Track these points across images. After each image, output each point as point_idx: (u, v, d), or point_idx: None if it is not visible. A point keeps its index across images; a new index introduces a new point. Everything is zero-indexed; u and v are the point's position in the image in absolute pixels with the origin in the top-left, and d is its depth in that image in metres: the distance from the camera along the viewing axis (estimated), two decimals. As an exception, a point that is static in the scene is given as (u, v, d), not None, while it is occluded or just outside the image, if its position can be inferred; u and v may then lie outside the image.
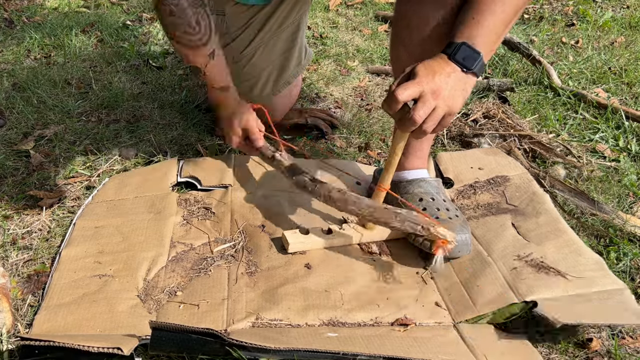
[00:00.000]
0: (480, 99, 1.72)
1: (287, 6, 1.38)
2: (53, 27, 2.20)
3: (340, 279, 1.08)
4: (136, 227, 1.18)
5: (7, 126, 1.56)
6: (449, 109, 0.90)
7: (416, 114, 0.89)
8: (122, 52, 2.03)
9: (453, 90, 0.90)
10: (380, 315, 1.00)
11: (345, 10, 2.50)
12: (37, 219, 1.22)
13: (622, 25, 2.31)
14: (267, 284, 1.06)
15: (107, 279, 1.05)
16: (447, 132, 1.57)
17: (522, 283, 1.03)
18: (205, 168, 1.36)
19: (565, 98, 1.72)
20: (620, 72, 1.90)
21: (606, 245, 1.18)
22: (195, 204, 1.26)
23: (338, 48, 2.12)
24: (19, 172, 1.37)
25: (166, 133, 1.55)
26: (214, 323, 0.96)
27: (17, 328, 0.96)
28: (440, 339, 0.94)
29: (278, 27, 1.41)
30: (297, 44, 1.47)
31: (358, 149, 1.52)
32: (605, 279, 1.05)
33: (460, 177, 1.37)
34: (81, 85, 1.80)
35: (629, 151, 1.50)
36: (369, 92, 1.82)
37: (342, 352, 0.87)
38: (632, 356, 0.94)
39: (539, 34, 2.23)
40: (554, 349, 0.95)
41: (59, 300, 1.00)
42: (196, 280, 1.06)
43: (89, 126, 1.57)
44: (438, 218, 1.12)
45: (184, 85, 1.81)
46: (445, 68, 0.91)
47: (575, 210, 1.27)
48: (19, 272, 1.09)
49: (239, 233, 1.18)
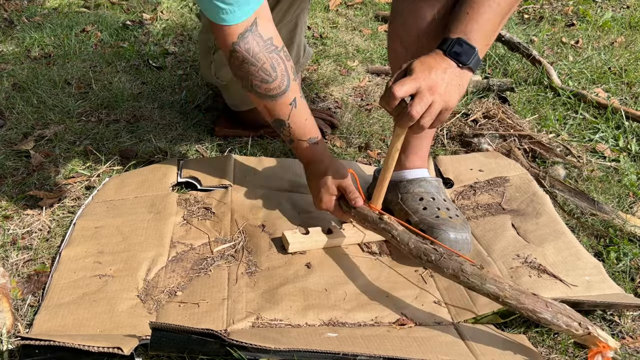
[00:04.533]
0: (480, 99, 1.72)
1: (284, 4, 1.38)
2: (53, 27, 2.20)
3: (340, 279, 1.08)
4: (136, 227, 1.18)
5: (7, 126, 1.56)
6: (445, 104, 0.91)
7: (413, 109, 0.90)
8: (122, 52, 2.03)
9: (449, 85, 0.91)
10: (380, 315, 1.00)
11: (345, 10, 2.50)
12: (37, 219, 1.22)
13: (622, 25, 2.31)
14: (267, 284, 1.06)
15: (107, 279, 1.05)
16: (447, 132, 1.57)
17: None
18: (205, 168, 1.36)
19: (565, 98, 1.73)
20: (620, 72, 1.90)
21: (606, 245, 1.18)
22: (195, 204, 1.26)
23: (338, 48, 2.12)
24: (19, 172, 1.37)
25: (166, 133, 1.55)
26: (214, 323, 0.96)
27: (17, 328, 0.96)
28: (440, 339, 0.94)
29: (275, 24, 1.41)
30: (295, 41, 1.46)
31: (358, 149, 1.52)
32: (604, 283, 1.05)
33: (460, 178, 1.37)
34: (81, 85, 1.80)
35: (629, 151, 1.50)
36: (369, 92, 1.82)
37: (342, 352, 0.87)
38: (632, 356, 0.94)
39: (539, 34, 2.23)
40: (554, 349, 0.95)
41: (59, 300, 1.00)
42: (196, 280, 1.06)
43: (89, 126, 1.57)
44: (438, 217, 1.12)
45: (184, 86, 1.81)
46: (441, 64, 0.92)
47: (575, 210, 1.27)
48: (19, 272, 1.09)
49: (239, 233, 1.18)
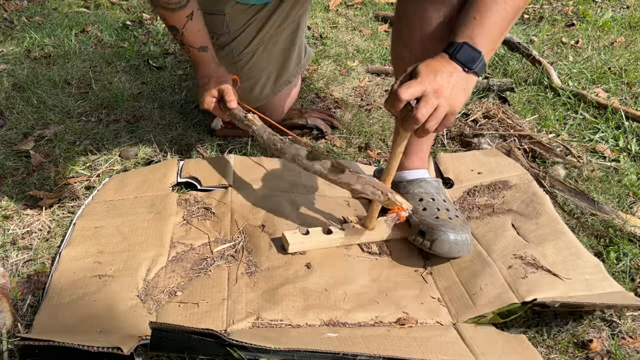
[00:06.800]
0: (480, 99, 1.72)
1: (287, 5, 1.38)
2: (53, 27, 2.20)
3: (340, 279, 1.08)
4: (136, 227, 1.18)
5: (7, 126, 1.56)
6: (450, 107, 0.91)
7: (419, 112, 0.89)
8: (122, 52, 2.03)
9: (455, 89, 0.91)
10: (380, 315, 1.00)
11: (345, 10, 2.50)
12: (37, 219, 1.22)
13: (622, 25, 2.31)
14: (267, 284, 1.06)
15: (107, 279, 1.05)
16: (447, 132, 1.57)
17: (522, 283, 1.03)
18: (205, 168, 1.36)
19: (565, 98, 1.72)
20: (620, 72, 1.90)
21: (606, 245, 1.18)
22: (195, 204, 1.26)
23: (338, 48, 2.12)
24: (19, 172, 1.37)
25: (166, 133, 1.55)
26: (214, 323, 0.96)
27: (17, 328, 0.96)
28: (440, 339, 0.94)
29: (278, 26, 1.41)
30: (296, 43, 1.47)
31: (358, 149, 1.52)
32: (604, 282, 1.05)
33: (460, 178, 1.37)
34: (81, 85, 1.80)
35: (629, 151, 1.50)
36: (369, 92, 1.82)
37: (342, 352, 0.87)
38: (632, 356, 0.94)
39: (539, 34, 2.23)
40: (554, 349, 0.95)
41: (59, 300, 1.00)
42: (196, 281, 1.06)
43: (89, 126, 1.57)
44: (438, 218, 1.12)
45: (184, 86, 1.81)
46: (447, 67, 0.92)
47: (575, 210, 1.27)
48: (19, 272, 1.09)
49: (239, 233, 1.18)
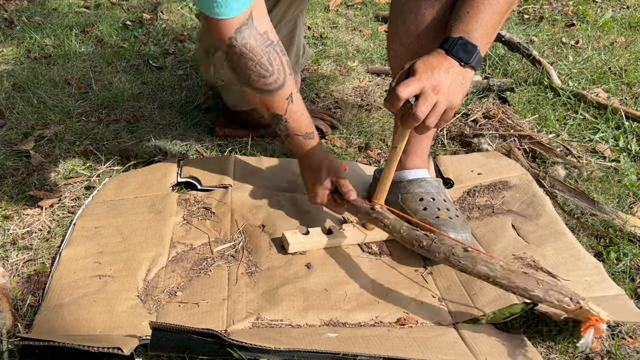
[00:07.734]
0: (480, 99, 1.72)
1: (283, 5, 1.38)
2: (53, 27, 2.20)
3: (340, 279, 1.08)
4: (136, 227, 1.17)
5: (7, 126, 1.56)
6: (449, 103, 0.92)
7: (418, 109, 0.90)
8: (122, 52, 2.03)
9: (453, 84, 0.92)
10: (381, 315, 1.00)
11: (345, 10, 2.50)
12: (37, 219, 1.22)
13: (622, 25, 2.31)
14: (267, 284, 1.06)
15: (107, 279, 1.04)
16: (447, 133, 1.57)
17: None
18: (205, 168, 1.36)
19: (565, 98, 1.72)
20: (620, 72, 1.90)
21: (606, 245, 1.18)
22: (195, 204, 1.26)
23: (338, 48, 2.12)
24: (19, 172, 1.37)
25: (166, 133, 1.55)
26: (214, 323, 0.96)
27: (17, 328, 0.96)
28: (440, 339, 0.94)
29: (275, 25, 1.41)
30: (294, 42, 1.46)
31: (358, 149, 1.52)
32: (604, 283, 1.05)
33: (460, 178, 1.37)
34: (81, 85, 1.80)
35: (629, 151, 1.50)
36: (369, 92, 1.82)
37: (342, 352, 0.87)
38: (632, 356, 0.94)
39: (539, 34, 2.23)
40: (554, 349, 0.95)
41: (59, 300, 1.00)
42: (196, 281, 1.06)
43: (89, 126, 1.57)
44: (438, 217, 1.12)
45: (184, 86, 1.81)
46: (443, 63, 0.92)
47: (575, 211, 1.27)
48: (19, 272, 1.09)
49: (239, 233, 1.18)
